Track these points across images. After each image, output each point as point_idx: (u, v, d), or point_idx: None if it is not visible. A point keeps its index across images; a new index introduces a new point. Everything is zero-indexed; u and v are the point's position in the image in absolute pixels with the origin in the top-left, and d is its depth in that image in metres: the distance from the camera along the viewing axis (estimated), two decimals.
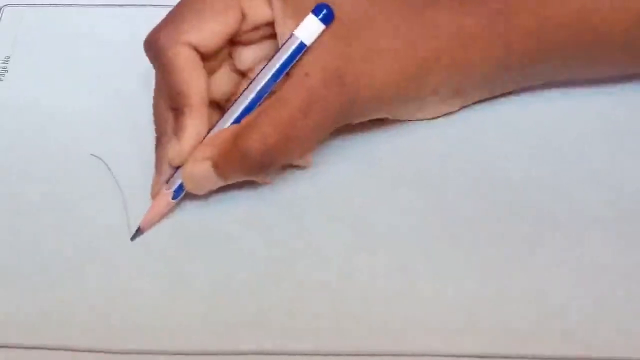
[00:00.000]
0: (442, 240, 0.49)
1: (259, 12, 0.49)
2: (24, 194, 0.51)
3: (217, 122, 0.49)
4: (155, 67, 0.50)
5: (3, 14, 0.60)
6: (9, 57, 0.58)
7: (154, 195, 0.49)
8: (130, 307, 0.47)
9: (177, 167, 0.49)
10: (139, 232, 0.49)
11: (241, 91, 0.49)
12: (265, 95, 0.48)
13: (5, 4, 0.61)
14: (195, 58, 0.48)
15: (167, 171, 0.49)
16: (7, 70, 0.57)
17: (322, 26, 0.48)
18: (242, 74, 0.51)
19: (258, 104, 0.48)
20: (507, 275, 0.48)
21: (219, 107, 0.51)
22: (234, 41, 0.50)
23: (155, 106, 0.50)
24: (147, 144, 0.53)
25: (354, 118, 0.50)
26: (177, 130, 0.48)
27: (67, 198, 0.51)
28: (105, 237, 0.49)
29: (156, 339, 0.46)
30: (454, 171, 0.52)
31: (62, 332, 0.46)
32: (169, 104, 0.49)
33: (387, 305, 0.47)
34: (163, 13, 0.49)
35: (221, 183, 0.49)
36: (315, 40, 0.48)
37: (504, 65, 0.51)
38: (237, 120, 0.48)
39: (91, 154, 0.53)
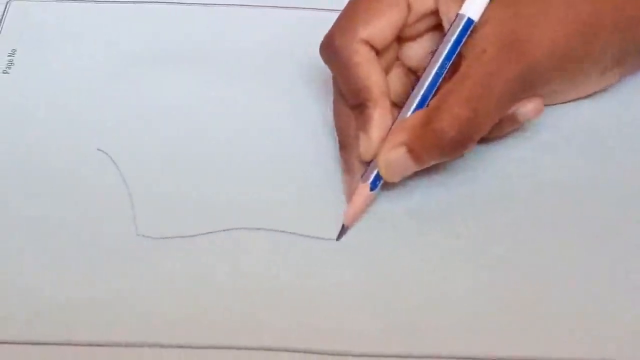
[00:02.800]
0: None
1: (421, 2, 0.51)
2: (29, 188, 0.51)
3: (401, 110, 0.50)
4: (333, 69, 0.51)
5: (9, 8, 0.60)
6: (15, 51, 0.58)
7: (350, 195, 0.50)
8: (137, 302, 0.47)
9: (368, 162, 0.50)
10: (343, 229, 0.50)
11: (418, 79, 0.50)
12: (440, 78, 0.50)
13: None
14: (371, 53, 0.50)
15: (358, 169, 0.51)
16: (14, 64, 0.57)
17: (486, 0, 0.49)
18: (412, 73, 0.53)
19: (435, 87, 0.50)
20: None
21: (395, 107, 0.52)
22: (400, 38, 0.52)
23: (337, 111, 0.52)
24: (153, 139, 0.53)
25: (533, 88, 0.51)
26: (363, 125, 0.50)
27: (73, 193, 0.51)
28: (112, 232, 0.49)
29: (165, 334, 0.46)
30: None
31: (67, 327, 0.46)
32: (351, 102, 0.50)
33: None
34: (163, 10, 0.50)
35: (415, 168, 0.49)
36: (482, 15, 0.49)
37: None
38: (420, 105, 0.49)
39: (98, 149, 0.53)
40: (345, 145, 0.51)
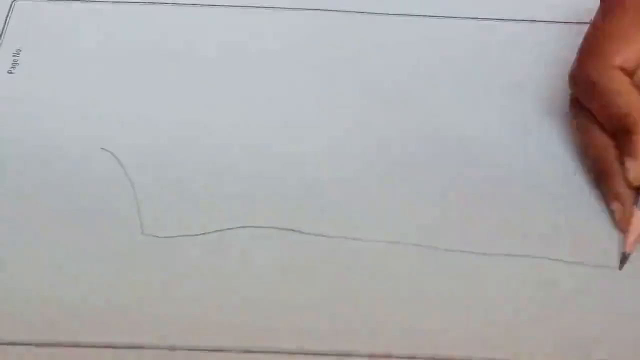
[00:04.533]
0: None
1: None
2: (32, 188, 0.51)
3: None
4: (588, 98, 0.51)
5: (14, 8, 0.60)
6: (20, 50, 0.58)
7: (625, 224, 0.50)
8: (143, 302, 0.47)
9: (637, 188, 0.49)
10: (625, 257, 0.49)
11: None
12: None
13: None
14: (626, 78, 0.50)
15: (626, 196, 0.50)
16: (18, 63, 0.57)
17: None
18: None
19: None
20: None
21: None
22: None
23: (591, 140, 0.51)
24: (158, 138, 0.53)
25: None
26: (630, 150, 0.49)
27: (77, 192, 0.51)
28: (117, 231, 0.49)
29: (170, 336, 0.46)
30: None
31: (71, 328, 0.46)
32: (612, 129, 0.50)
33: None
34: (168, 10, 0.52)
35: None
36: None
37: None
38: None
39: (102, 148, 0.53)
40: (608, 173, 0.51)
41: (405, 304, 0.47)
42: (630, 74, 0.50)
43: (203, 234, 0.49)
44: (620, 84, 0.49)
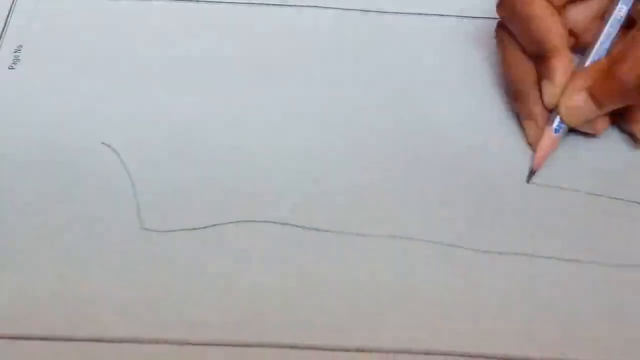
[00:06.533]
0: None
1: None
2: (33, 183, 0.51)
3: (580, 59, 0.53)
4: (513, 23, 0.53)
5: (16, 4, 0.60)
6: (21, 46, 0.58)
7: (535, 140, 0.53)
8: (141, 296, 0.47)
9: (551, 110, 0.52)
10: (532, 173, 0.52)
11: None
12: (619, 24, 0.52)
13: None
14: (550, 6, 0.52)
15: (540, 115, 0.53)
16: (19, 59, 0.57)
17: None
18: (574, 36, 0.55)
19: (613, 36, 0.52)
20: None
21: None
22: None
23: (511, 63, 0.54)
24: (157, 133, 0.53)
25: None
26: (546, 74, 0.52)
27: (77, 187, 0.51)
28: (116, 226, 0.49)
29: (170, 329, 0.46)
30: None
31: (71, 322, 0.46)
32: (532, 53, 0.53)
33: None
34: (169, 7, 0.52)
35: (596, 112, 0.52)
36: None
37: None
38: (598, 55, 0.52)
39: (102, 143, 0.53)
40: (523, 94, 0.53)
41: (406, 298, 0.47)
42: (558, 8, 0.52)
43: (202, 228, 0.49)
44: (542, 11, 0.52)
